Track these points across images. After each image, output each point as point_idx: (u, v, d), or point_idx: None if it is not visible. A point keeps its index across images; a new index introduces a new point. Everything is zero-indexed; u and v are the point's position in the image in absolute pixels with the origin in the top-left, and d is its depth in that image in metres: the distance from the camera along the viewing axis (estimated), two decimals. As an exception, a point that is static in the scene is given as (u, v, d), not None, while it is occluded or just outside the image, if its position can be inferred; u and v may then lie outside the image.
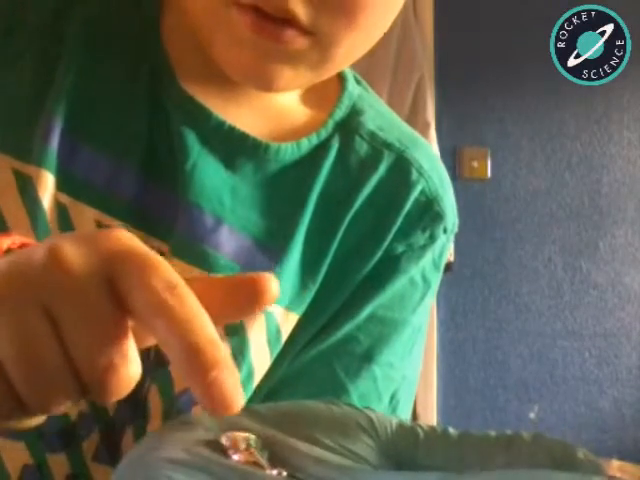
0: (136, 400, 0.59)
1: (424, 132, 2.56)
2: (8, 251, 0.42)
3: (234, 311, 0.37)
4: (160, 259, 0.35)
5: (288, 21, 0.53)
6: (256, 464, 0.34)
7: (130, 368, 0.34)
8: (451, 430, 0.38)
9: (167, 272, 0.34)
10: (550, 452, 0.35)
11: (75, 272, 0.34)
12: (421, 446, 0.37)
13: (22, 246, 0.43)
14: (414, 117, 2.60)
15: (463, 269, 2.81)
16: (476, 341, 2.89)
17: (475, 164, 2.84)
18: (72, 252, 0.34)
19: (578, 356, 2.89)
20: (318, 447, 0.36)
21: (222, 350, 0.33)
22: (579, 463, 0.35)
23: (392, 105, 0.73)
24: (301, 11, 0.52)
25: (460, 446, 0.37)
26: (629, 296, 2.88)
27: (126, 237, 0.36)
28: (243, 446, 0.35)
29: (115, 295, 0.34)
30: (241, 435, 0.36)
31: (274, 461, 0.35)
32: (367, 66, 2.50)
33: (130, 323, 0.35)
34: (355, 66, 0.70)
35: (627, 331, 2.89)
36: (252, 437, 0.36)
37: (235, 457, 0.35)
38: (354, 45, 0.57)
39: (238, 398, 0.32)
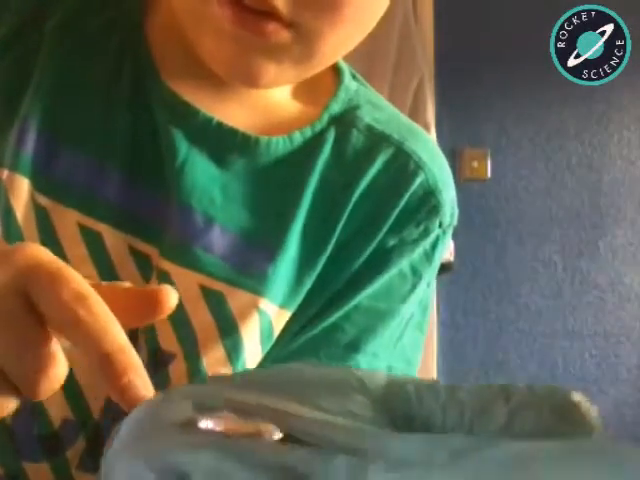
0: None
1: (424, 132, 2.56)
2: None
3: (135, 319, 0.40)
4: (71, 271, 0.37)
5: (269, 14, 0.52)
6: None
7: (56, 368, 0.37)
8: (440, 383, 0.38)
9: (77, 284, 0.37)
10: (549, 400, 0.35)
11: None
12: (414, 400, 0.37)
13: None
14: (414, 118, 2.59)
15: (463, 269, 2.81)
16: (476, 341, 2.89)
17: (475, 164, 2.84)
18: None
19: (578, 356, 2.89)
20: (310, 408, 0.35)
21: (132, 355, 0.36)
22: (577, 414, 0.34)
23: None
24: (281, 3, 0.52)
25: (455, 397, 0.36)
26: (629, 296, 2.88)
27: (39, 251, 0.38)
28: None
29: (32, 305, 0.37)
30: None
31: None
32: (367, 66, 2.50)
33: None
34: (355, 66, 0.69)
35: (627, 331, 2.89)
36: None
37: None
38: (340, 41, 0.56)
39: (148, 396, 0.36)
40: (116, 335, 0.36)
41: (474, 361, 2.89)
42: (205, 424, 0.33)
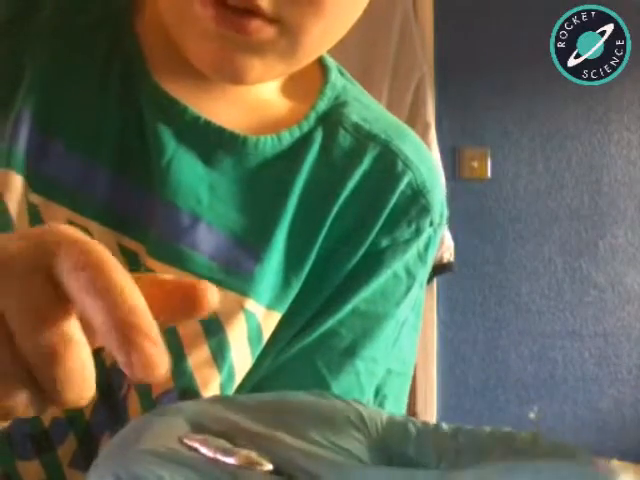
0: (114, 404, 0.58)
1: (424, 132, 2.56)
2: None
3: (170, 314, 0.35)
4: (95, 243, 0.34)
5: (252, 11, 0.52)
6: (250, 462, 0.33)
7: (75, 352, 0.33)
8: (444, 425, 0.37)
9: (99, 253, 0.33)
10: (551, 456, 0.34)
11: (13, 264, 0.34)
12: (413, 441, 0.36)
13: None
14: (414, 117, 2.59)
15: (463, 269, 2.81)
16: (476, 341, 2.89)
17: (475, 164, 2.83)
18: (12, 246, 0.34)
19: (578, 356, 2.89)
20: (305, 441, 0.34)
21: (148, 320, 0.32)
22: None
23: (392, 105, 0.72)
24: (265, 1, 0.52)
25: (454, 441, 0.36)
26: (629, 296, 2.88)
27: (65, 228, 0.35)
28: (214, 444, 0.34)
29: (55, 282, 0.34)
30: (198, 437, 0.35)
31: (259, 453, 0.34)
32: (367, 66, 2.50)
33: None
34: (355, 66, 0.69)
35: (627, 331, 2.89)
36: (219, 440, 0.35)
37: (230, 460, 0.34)
38: (324, 33, 0.56)
39: (163, 364, 0.32)
40: (132, 297, 0.32)
41: (474, 361, 2.89)
42: (189, 443, 0.33)
